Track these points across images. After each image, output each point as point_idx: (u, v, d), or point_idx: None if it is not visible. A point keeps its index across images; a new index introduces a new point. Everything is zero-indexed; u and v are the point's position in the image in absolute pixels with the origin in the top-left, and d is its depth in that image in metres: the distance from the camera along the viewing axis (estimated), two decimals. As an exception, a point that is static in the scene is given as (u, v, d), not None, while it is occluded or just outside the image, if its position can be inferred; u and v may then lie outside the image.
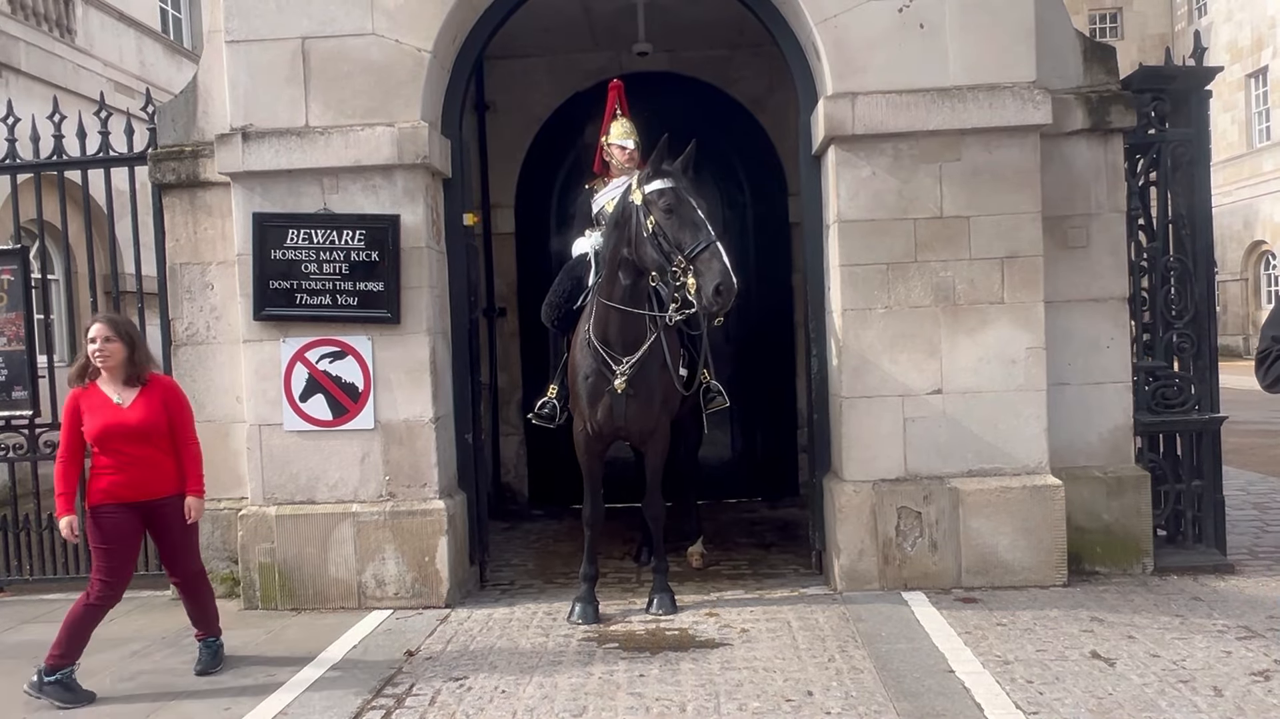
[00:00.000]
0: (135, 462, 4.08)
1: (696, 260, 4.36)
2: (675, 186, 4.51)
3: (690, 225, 4.43)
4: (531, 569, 6.11)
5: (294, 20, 5.21)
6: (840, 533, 5.18)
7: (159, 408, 4.14)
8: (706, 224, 4.46)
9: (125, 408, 4.09)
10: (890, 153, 5.13)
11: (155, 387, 4.18)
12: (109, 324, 4.13)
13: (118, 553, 4.10)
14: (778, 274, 7.94)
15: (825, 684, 3.91)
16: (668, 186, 4.50)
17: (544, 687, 4.00)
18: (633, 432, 5.06)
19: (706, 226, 4.44)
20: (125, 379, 4.12)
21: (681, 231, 4.42)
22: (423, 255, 5.25)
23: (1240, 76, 25.43)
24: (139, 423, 4.07)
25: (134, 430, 4.06)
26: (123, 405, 4.09)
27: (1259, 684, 3.73)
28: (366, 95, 5.21)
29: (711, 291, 4.31)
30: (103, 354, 4.06)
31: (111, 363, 4.08)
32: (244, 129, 5.23)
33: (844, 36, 5.13)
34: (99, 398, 4.11)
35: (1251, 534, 6.27)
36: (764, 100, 7.87)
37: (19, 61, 10.35)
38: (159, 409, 4.14)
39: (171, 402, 4.21)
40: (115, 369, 4.10)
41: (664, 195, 4.48)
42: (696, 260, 4.36)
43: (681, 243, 4.41)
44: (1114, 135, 5.38)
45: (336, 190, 5.25)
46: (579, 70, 7.77)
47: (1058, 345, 5.27)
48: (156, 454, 4.14)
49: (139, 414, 4.09)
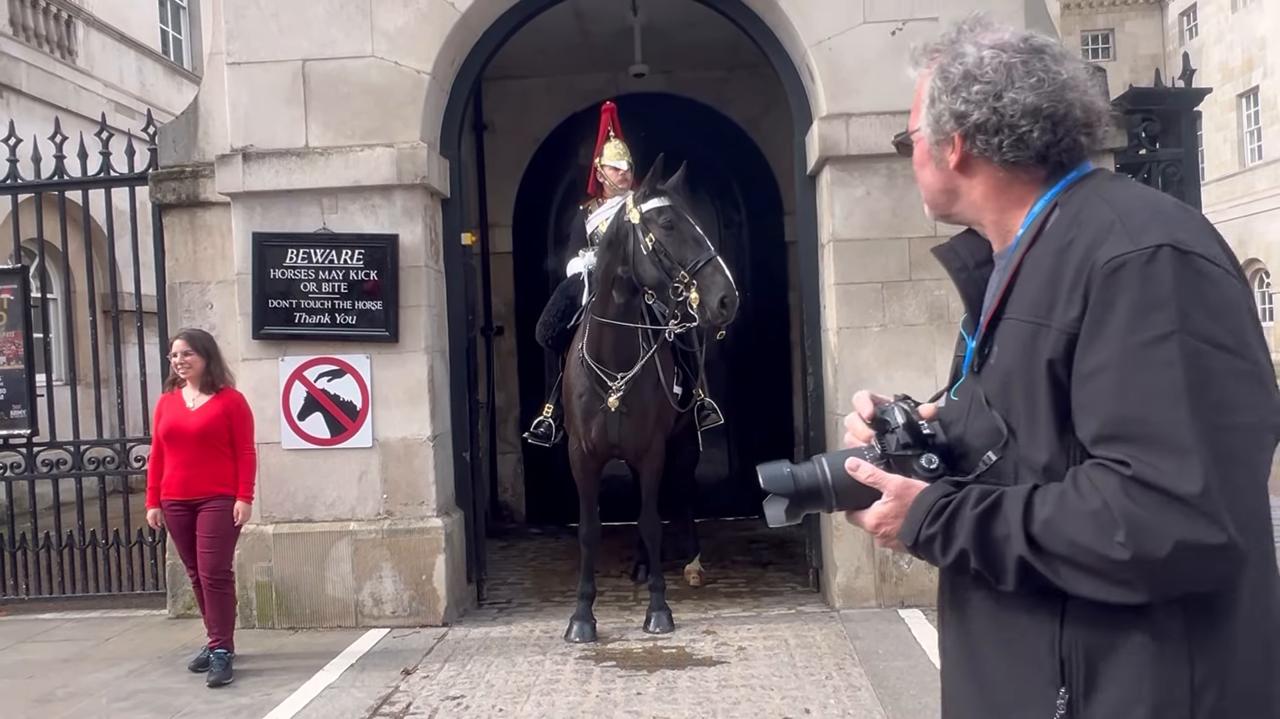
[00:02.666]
0: (191, 462, 4.45)
1: (699, 275, 4.44)
2: (673, 204, 4.60)
3: (691, 241, 4.53)
4: (529, 587, 6.11)
5: (294, 42, 5.27)
6: (837, 550, 5.19)
7: (221, 416, 4.50)
8: (706, 239, 4.58)
9: (192, 412, 4.48)
10: (884, 173, 5.19)
11: (224, 397, 4.56)
12: (188, 339, 4.58)
13: (179, 543, 4.65)
14: (774, 292, 7.98)
15: (822, 702, 3.91)
16: (666, 204, 4.58)
17: (541, 705, 4.00)
18: (627, 449, 5.08)
19: (707, 242, 4.57)
20: (201, 387, 4.54)
21: (683, 247, 4.51)
22: (421, 274, 5.28)
23: (1232, 96, 25.66)
24: (197, 427, 4.45)
25: (192, 433, 4.44)
26: (191, 410, 4.49)
27: (1255, 701, 3.74)
28: (366, 116, 5.27)
29: (716, 304, 4.39)
30: (184, 365, 4.52)
31: (191, 373, 4.52)
32: (244, 149, 5.27)
33: (837, 59, 5.19)
34: (176, 402, 4.57)
35: (1247, 551, 6.29)
36: (759, 120, 7.94)
37: (20, 82, 10.41)
38: (220, 417, 4.49)
39: (234, 412, 4.57)
40: (195, 378, 4.54)
41: (663, 213, 4.57)
42: (699, 275, 4.44)
43: (683, 258, 4.49)
44: (1105, 155, 5.42)
45: (336, 210, 5.30)
46: (576, 91, 7.84)
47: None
48: (211, 457, 4.47)
49: (200, 419, 4.47)
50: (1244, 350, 1.07)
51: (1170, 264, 1.07)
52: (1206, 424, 1.04)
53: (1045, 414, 1.14)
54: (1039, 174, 1.25)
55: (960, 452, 1.23)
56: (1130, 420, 1.06)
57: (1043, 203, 1.23)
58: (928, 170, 1.33)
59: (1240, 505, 1.04)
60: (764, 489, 1.26)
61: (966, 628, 1.25)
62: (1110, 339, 1.07)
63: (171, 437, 4.49)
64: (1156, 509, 1.03)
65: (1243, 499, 1.05)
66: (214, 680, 4.38)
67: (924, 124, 1.30)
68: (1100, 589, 1.07)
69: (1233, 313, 1.09)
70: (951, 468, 1.22)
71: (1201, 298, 1.07)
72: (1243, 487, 1.05)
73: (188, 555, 4.59)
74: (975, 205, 1.30)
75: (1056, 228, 1.18)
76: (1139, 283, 1.07)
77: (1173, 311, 1.06)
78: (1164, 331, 1.05)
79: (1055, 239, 1.16)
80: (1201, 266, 1.08)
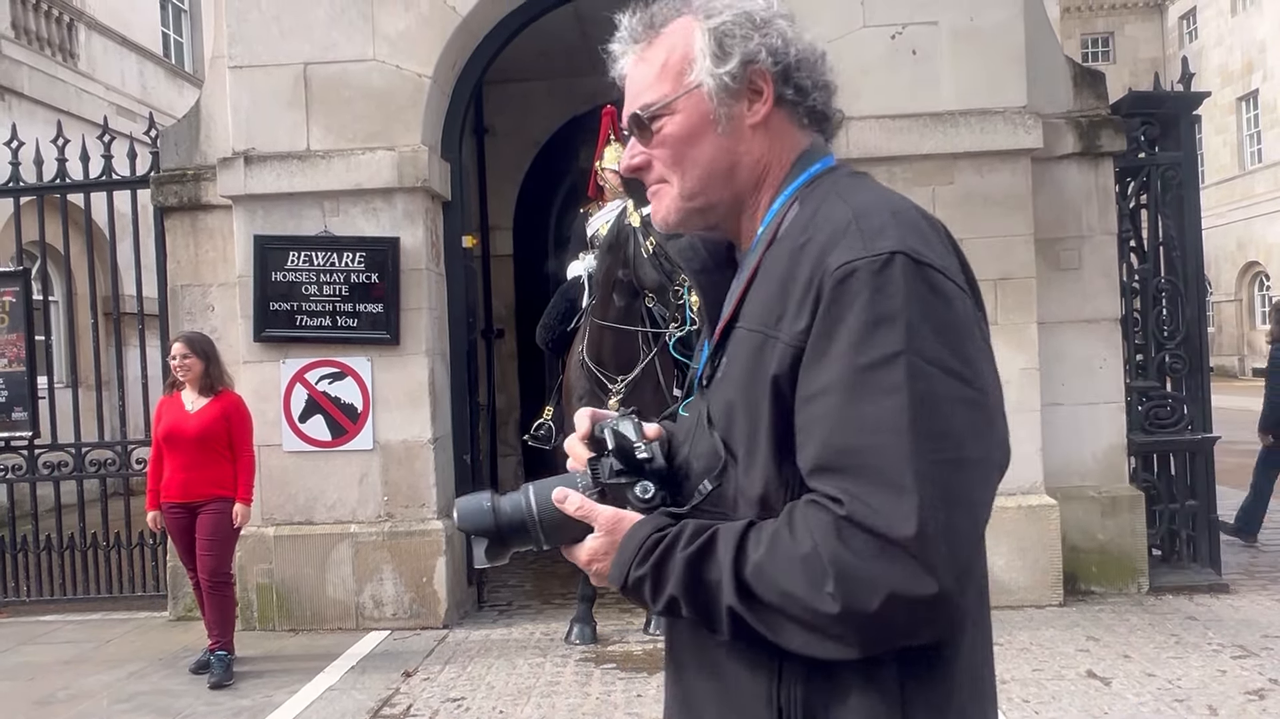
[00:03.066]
0: (190, 465, 4.46)
1: None
2: None
3: None
4: (529, 590, 6.12)
5: (296, 46, 5.29)
6: (837, 553, 5.19)
7: (220, 418, 4.50)
8: None
9: (191, 415, 4.48)
10: (884, 176, 5.19)
11: (223, 399, 4.56)
12: (186, 342, 4.60)
13: (179, 546, 4.65)
14: (774, 295, 7.99)
15: (822, 704, 3.92)
16: None
17: (541, 707, 4.01)
18: (629, 452, 5.08)
19: None
20: (200, 390, 4.55)
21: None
22: (422, 277, 5.30)
23: (1232, 100, 25.70)
24: (196, 430, 4.45)
25: (191, 436, 4.45)
26: (190, 413, 4.49)
27: (1254, 703, 3.75)
28: (367, 120, 5.28)
29: None
30: (183, 368, 4.52)
31: (191, 375, 4.53)
32: (246, 153, 5.29)
33: (838, 62, 5.15)
34: (175, 405, 4.58)
35: (1246, 554, 6.30)
36: (760, 124, 7.95)
37: (22, 85, 10.43)
38: (219, 419, 4.50)
39: (233, 414, 4.57)
40: (194, 381, 4.55)
41: None
42: None
43: None
44: (1104, 159, 5.45)
45: (337, 213, 5.31)
46: (577, 94, 7.86)
47: (1051, 366, 5.32)
48: (210, 460, 4.48)
49: (199, 422, 4.47)
50: (974, 378, 0.97)
51: (903, 274, 0.96)
52: (929, 459, 0.93)
53: (765, 437, 1.01)
54: (804, 142, 1.12)
55: (683, 477, 1.09)
56: (847, 450, 0.94)
57: (784, 198, 1.10)
58: (706, 143, 1.11)
59: (959, 552, 0.94)
60: (459, 528, 1.11)
61: (682, 675, 1.12)
62: (835, 357, 0.96)
63: (171, 439, 4.50)
64: (869, 556, 0.92)
65: (962, 545, 0.94)
66: (215, 682, 4.39)
67: (704, 76, 1.09)
68: (811, 644, 0.96)
69: (964, 335, 0.98)
70: (674, 496, 1.07)
71: (932, 315, 0.96)
72: (964, 532, 0.95)
73: (188, 558, 4.60)
74: (746, 184, 1.12)
75: (794, 226, 1.05)
76: (868, 294, 0.96)
77: (901, 329, 0.95)
78: (890, 352, 0.94)
79: (791, 239, 1.04)
80: (935, 281, 0.98)
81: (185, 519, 4.52)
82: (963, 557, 0.95)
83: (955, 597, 0.94)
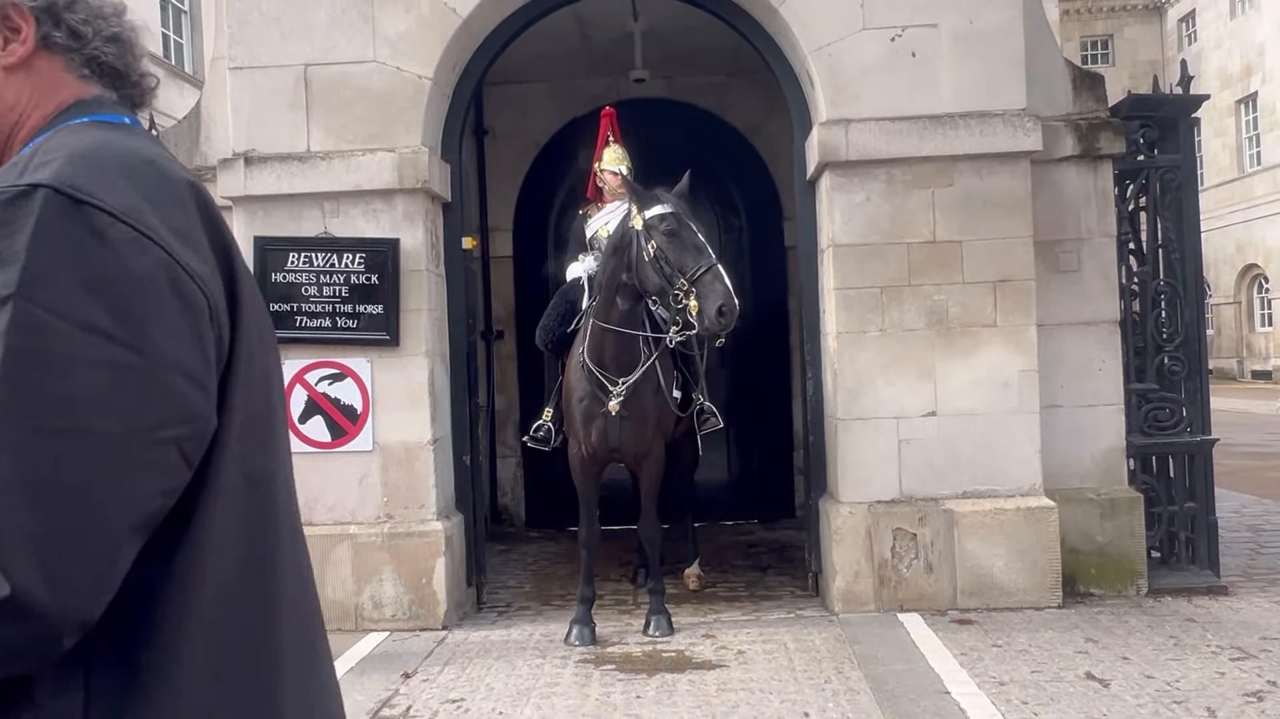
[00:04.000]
0: None
1: (699, 283, 4.45)
2: (676, 211, 4.62)
3: (692, 249, 4.54)
4: (528, 591, 6.12)
5: (296, 48, 5.29)
6: (836, 555, 5.21)
7: None
8: (708, 247, 4.59)
9: None
10: (884, 178, 5.21)
11: None
12: None
13: None
14: (773, 297, 8.01)
15: (822, 705, 3.92)
16: (669, 211, 4.61)
17: (541, 708, 4.01)
18: (627, 454, 5.09)
19: (708, 249, 4.57)
20: None
21: (683, 255, 4.52)
22: (422, 278, 5.30)
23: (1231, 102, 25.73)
24: None
25: None
26: None
27: (1253, 705, 3.76)
28: (368, 121, 5.29)
29: (714, 313, 4.40)
30: None
31: None
32: (246, 154, 5.30)
33: (837, 65, 5.22)
34: None
35: (1245, 556, 6.30)
36: (759, 126, 7.97)
37: (22, 86, 10.44)
38: None
39: None
40: None
41: (665, 220, 4.58)
42: (699, 283, 4.45)
43: (684, 266, 4.50)
44: (1103, 161, 5.46)
45: (337, 214, 5.32)
46: (577, 96, 7.87)
47: (1050, 368, 5.33)
48: None
49: None
50: (135, 340, 0.81)
51: (42, 210, 0.80)
52: (23, 425, 0.76)
53: None
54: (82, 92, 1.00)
55: None
56: None
57: (32, 144, 0.94)
58: None
59: (61, 546, 0.75)
60: None
61: None
62: None
63: None
64: None
65: (68, 538, 0.76)
66: None
67: None
68: None
69: (133, 295, 0.82)
70: None
71: (81, 263, 0.80)
72: (71, 520, 0.76)
73: None
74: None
75: (10, 165, 0.90)
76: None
77: (18, 270, 0.78)
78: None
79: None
80: (101, 226, 0.82)
81: None
82: (71, 556, 0.76)
83: (47, 603, 0.74)
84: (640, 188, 4.84)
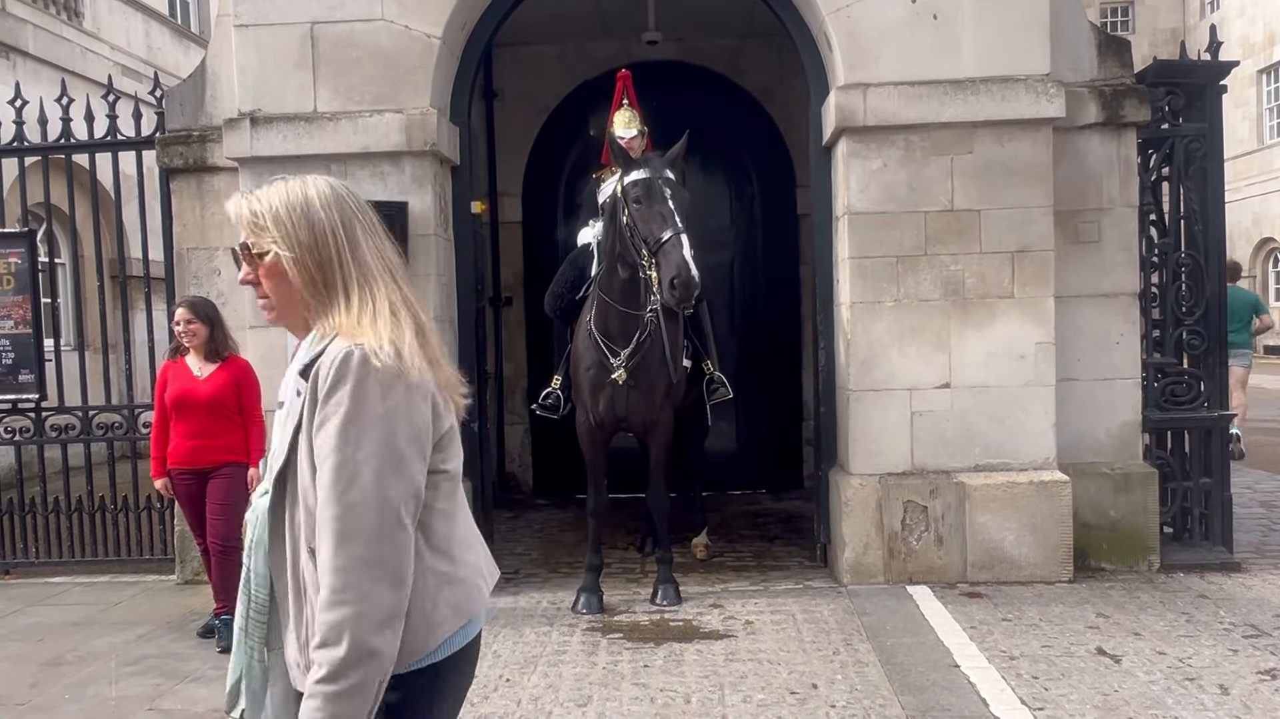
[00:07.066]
0: (200, 432, 4.45)
1: (659, 252, 4.30)
2: (650, 177, 4.43)
3: (658, 217, 4.35)
4: (536, 559, 6.11)
5: (303, 5, 5.18)
6: (846, 526, 5.17)
7: (230, 384, 4.49)
8: (674, 215, 4.33)
9: (201, 381, 4.47)
10: (902, 145, 5.10)
11: (231, 365, 4.55)
12: (190, 307, 4.55)
13: (189, 512, 4.62)
14: (785, 266, 7.91)
15: (830, 677, 3.90)
16: (642, 177, 4.44)
17: (548, 676, 4.00)
18: (634, 423, 5.04)
19: (674, 217, 4.32)
20: (206, 355, 4.52)
21: (650, 223, 4.37)
22: (430, 243, 5.23)
23: (1252, 72, 25.23)
24: (209, 395, 4.46)
25: (203, 401, 4.46)
26: (200, 378, 4.47)
27: (1266, 683, 3.72)
28: (376, 81, 5.19)
29: (668, 284, 4.24)
30: (188, 334, 4.49)
31: (196, 341, 4.49)
32: (252, 114, 5.21)
33: (856, 27, 5.09)
34: (182, 371, 4.54)
35: (1259, 532, 6.25)
36: (773, 91, 7.82)
37: (27, 44, 10.32)
38: (230, 385, 4.48)
39: (243, 380, 4.55)
40: (199, 347, 4.51)
41: (637, 186, 4.44)
42: (659, 252, 4.30)
43: (650, 234, 4.36)
44: (1127, 129, 5.33)
45: (345, 176, 5.22)
46: (588, 59, 7.73)
47: (1067, 341, 5.25)
48: (221, 426, 4.47)
49: (210, 387, 4.48)
50: None
51: None
52: None
53: None
54: None
55: None
56: None
57: None
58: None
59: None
60: None
61: None
62: None
63: (181, 406, 4.48)
64: None
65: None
66: (224, 647, 4.40)
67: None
68: None
69: None
70: None
71: None
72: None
73: (197, 524, 4.58)
74: None
75: None
76: None
77: None
78: None
79: None
80: None
81: (195, 485, 4.51)
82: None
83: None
84: (627, 153, 4.70)
